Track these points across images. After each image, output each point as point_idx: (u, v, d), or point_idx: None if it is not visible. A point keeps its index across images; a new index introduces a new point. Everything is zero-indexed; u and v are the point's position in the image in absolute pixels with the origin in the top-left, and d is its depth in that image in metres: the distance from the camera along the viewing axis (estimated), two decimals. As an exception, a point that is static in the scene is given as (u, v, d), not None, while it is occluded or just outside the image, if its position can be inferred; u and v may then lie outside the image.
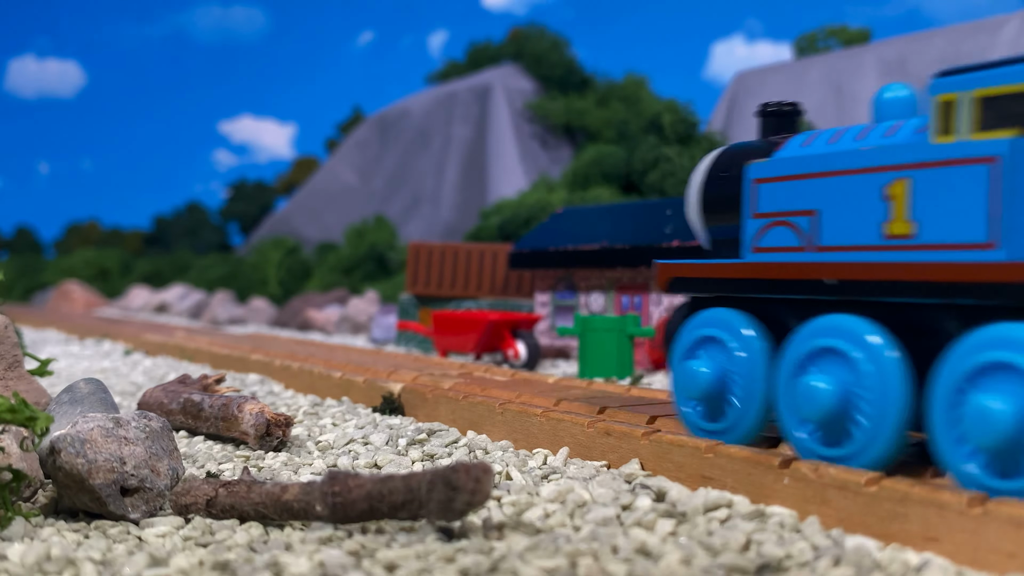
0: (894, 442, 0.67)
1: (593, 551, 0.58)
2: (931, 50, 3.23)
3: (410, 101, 5.71)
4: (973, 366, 0.62)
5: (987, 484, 0.61)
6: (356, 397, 1.27)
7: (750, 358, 0.78)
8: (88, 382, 0.90)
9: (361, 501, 0.64)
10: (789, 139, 0.84)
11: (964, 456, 0.62)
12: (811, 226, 0.76)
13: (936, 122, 0.69)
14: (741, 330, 0.79)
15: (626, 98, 4.49)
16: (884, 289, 0.69)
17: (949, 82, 0.68)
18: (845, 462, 0.69)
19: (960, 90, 0.68)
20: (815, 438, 0.72)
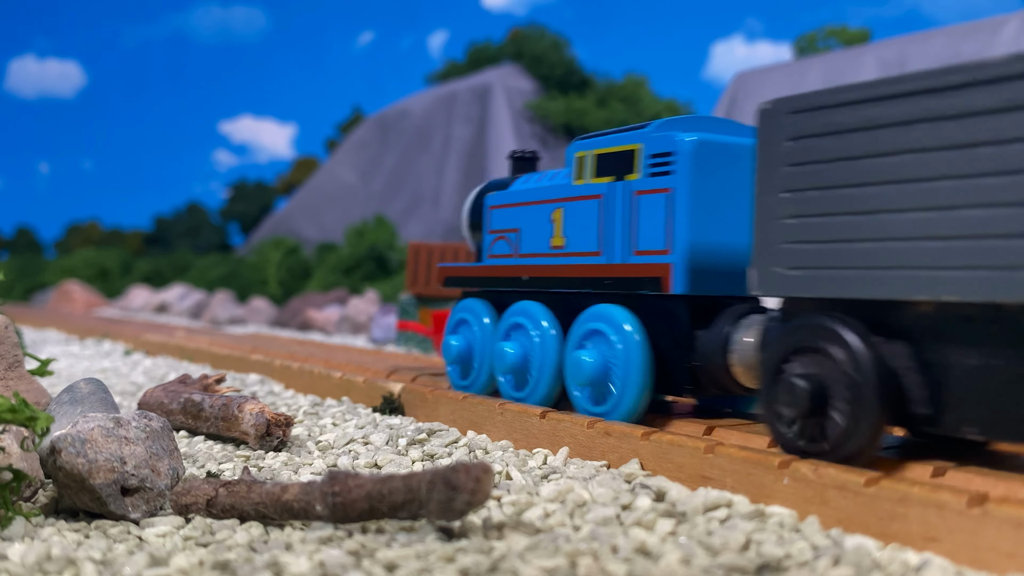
0: (636, 400, 0.91)
1: (593, 551, 0.58)
2: (931, 50, 3.22)
3: (410, 101, 5.71)
4: (582, 333, 0.97)
5: (588, 408, 0.95)
6: (356, 397, 1.27)
7: (483, 334, 1.11)
8: (88, 382, 0.90)
9: (361, 501, 0.65)
10: (518, 178, 1.15)
11: (575, 390, 0.96)
12: (516, 239, 1.10)
13: (575, 170, 1.02)
14: (483, 317, 1.12)
15: (626, 98, 4.50)
16: (551, 283, 1.03)
17: (581, 144, 1.02)
18: (607, 416, 0.93)
19: (586, 150, 1.01)
20: (583, 397, 0.97)
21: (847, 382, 0.69)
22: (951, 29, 3.24)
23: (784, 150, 0.76)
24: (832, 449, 0.70)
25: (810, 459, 0.70)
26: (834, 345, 0.70)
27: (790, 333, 0.74)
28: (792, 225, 0.75)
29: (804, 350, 0.72)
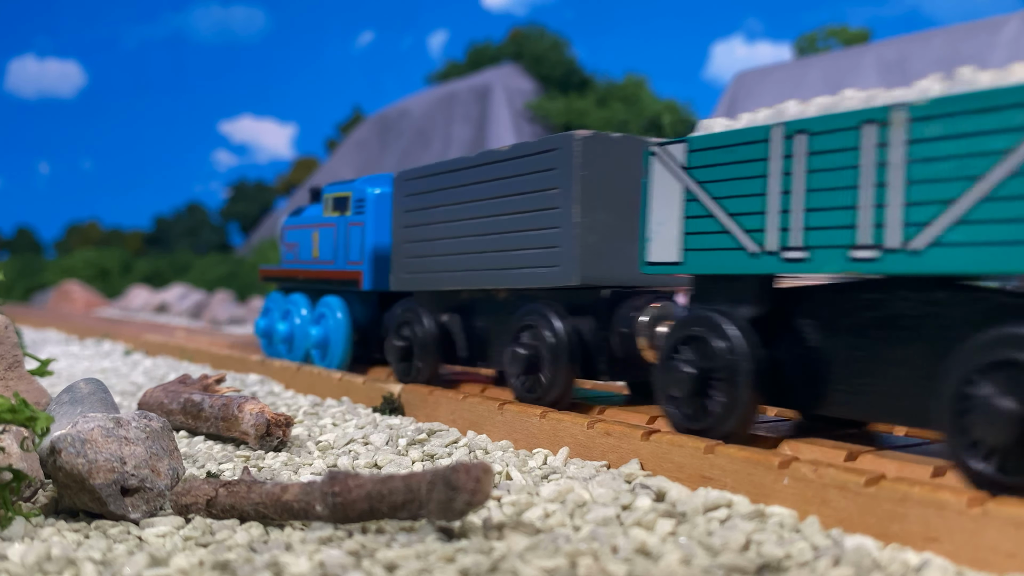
0: (341, 357, 1.45)
1: (593, 551, 0.58)
2: (930, 50, 3.22)
3: (410, 101, 5.71)
4: (316, 315, 1.51)
5: (319, 362, 1.50)
6: (356, 397, 1.27)
7: (278, 315, 1.64)
8: (88, 382, 0.90)
9: (361, 501, 0.65)
10: (307, 207, 1.67)
11: (313, 351, 1.50)
12: (296, 251, 1.62)
13: (324, 207, 1.54)
14: (280, 303, 1.64)
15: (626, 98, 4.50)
16: (311, 282, 1.57)
17: (327, 188, 1.55)
18: (328, 366, 1.46)
19: (328, 194, 1.53)
20: (316, 355, 1.51)
21: (425, 340, 1.21)
22: (951, 29, 3.24)
23: (401, 201, 1.28)
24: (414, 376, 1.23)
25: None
26: (419, 321, 1.22)
27: (399, 314, 1.27)
28: (404, 247, 1.27)
29: (405, 324, 1.25)
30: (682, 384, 0.82)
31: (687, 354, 0.83)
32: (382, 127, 5.78)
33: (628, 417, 0.94)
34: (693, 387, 0.82)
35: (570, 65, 5.05)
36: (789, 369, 0.80)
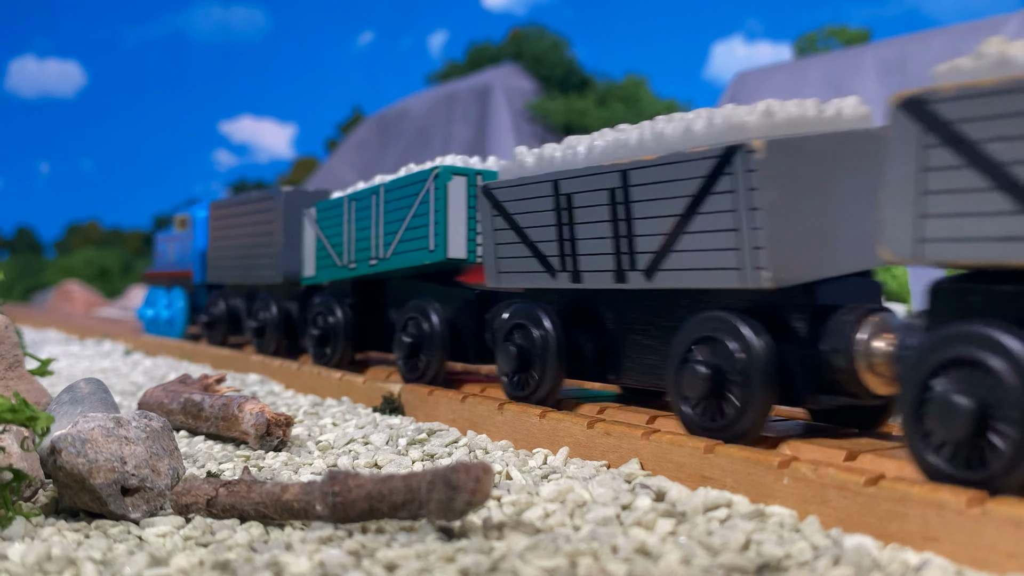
0: (180, 330, 2.14)
1: (593, 551, 0.58)
2: (930, 50, 3.22)
3: (410, 101, 5.71)
4: (166, 302, 2.22)
5: (173, 335, 2.17)
6: (356, 397, 1.27)
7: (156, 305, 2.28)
8: (88, 382, 0.90)
9: (361, 501, 0.65)
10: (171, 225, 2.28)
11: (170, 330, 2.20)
12: (161, 258, 2.24)
13: (175, 225, 2.18)
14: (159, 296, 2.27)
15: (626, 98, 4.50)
16: (170, 279, 2.18)
17: (180, 209, 2.26)
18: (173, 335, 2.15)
19: (176, 215, 2.23)
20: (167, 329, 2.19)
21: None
22: (951, 29, 3.24)
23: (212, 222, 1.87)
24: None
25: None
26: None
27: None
28: (213, 253, 1.91)
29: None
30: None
31: None
32: (382, 127, 5.77)
33: (628, 417, 0.94)
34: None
35: (570, 65, 5.05)
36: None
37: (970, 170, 0.63)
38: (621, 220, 0.89)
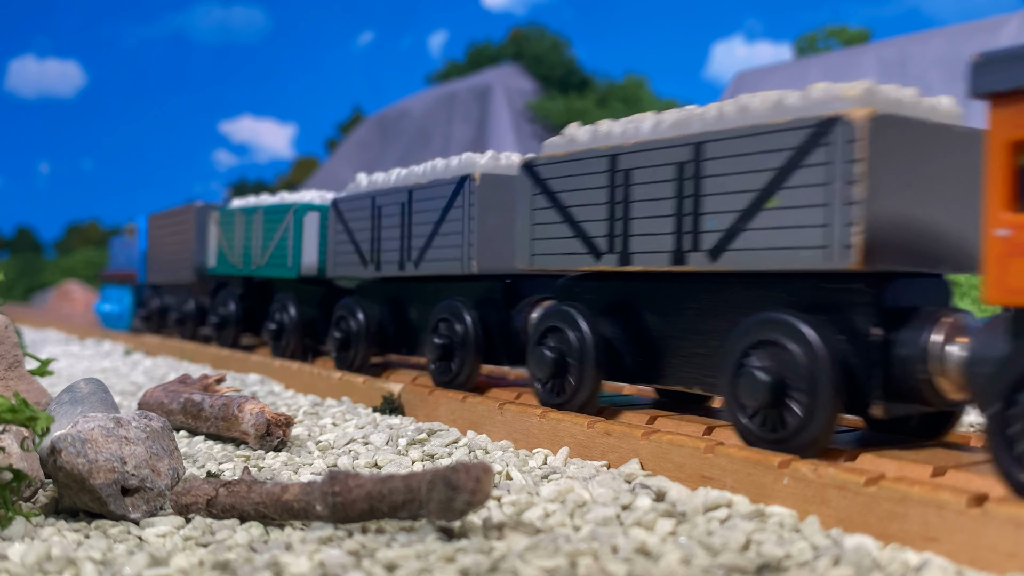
0: (128, 323, 2.63)
1: (593, 551, 0.58)
2: (930, 50, 3.22)
3: (410, 101, 5.71)
4: (115, 297, 2.77)
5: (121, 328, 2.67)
6: (356, 397, 1.27)
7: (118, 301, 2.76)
8: (88, 382, 0.90)
9: (361, 501, 0.65)
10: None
11: (113, 323, 2.75)
12: (114, 261, 2.76)
13: (124, 233, 2.73)
14: (112, 293, 2.82)
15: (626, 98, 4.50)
16: (122, 278, 2.66)
17: (138, 219, 2.55)
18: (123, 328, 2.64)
19: (125, 225, 2.76)
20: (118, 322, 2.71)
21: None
22: (951, 29, 3.24)
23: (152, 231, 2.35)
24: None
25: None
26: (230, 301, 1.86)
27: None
28: (153, 257, 2.39)
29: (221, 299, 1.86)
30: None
31: None
32: (382, 127, 5.77)
33: (629, 417, 0.94)
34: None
35: (570, 65, 5.05)
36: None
37: (552, 210, 1.01)
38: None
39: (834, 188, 0.72)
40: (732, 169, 0.81)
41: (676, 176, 0.86)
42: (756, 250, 0.79)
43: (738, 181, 0.81)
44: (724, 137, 0.82)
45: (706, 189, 0.84)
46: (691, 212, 0.85)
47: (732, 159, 0.81)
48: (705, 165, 0.84)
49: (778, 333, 0.75)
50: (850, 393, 0.73)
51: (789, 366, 0.73)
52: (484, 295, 1.17)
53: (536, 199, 1.03)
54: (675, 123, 0.88)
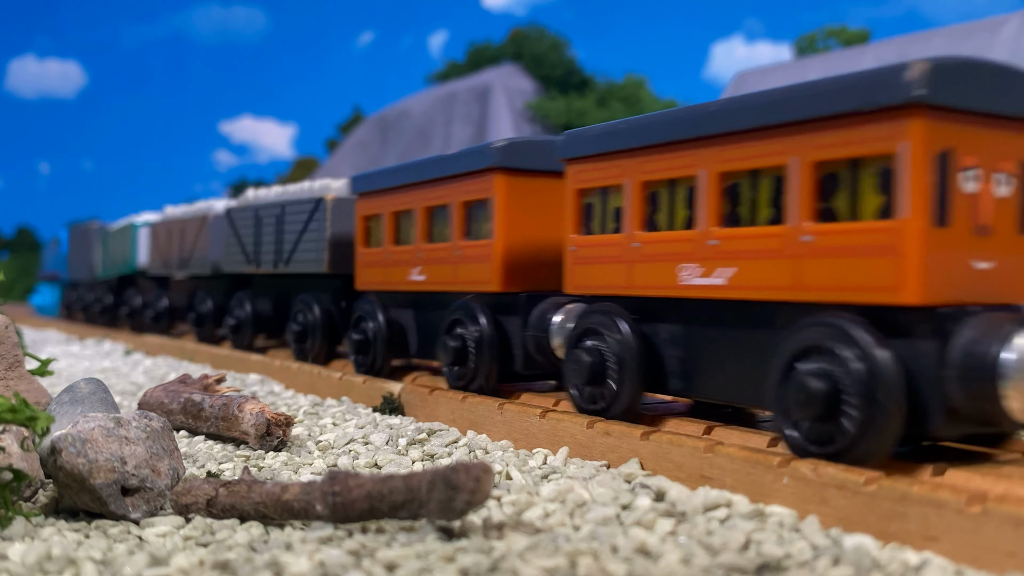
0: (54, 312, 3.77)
1: (593, 550, 0.58)
2: (929, 50, 3.22)
3: (410, 101, 5.71)
4: (48, 292, 3.97)
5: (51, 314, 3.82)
6: (356, 397, 1.28)
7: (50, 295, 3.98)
8: (88, 382, 0.90)
9: (361, 501, 0.65)
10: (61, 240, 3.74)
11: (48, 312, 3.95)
12: (47, 262, 3.86)
13: (53, 241, 3.84)
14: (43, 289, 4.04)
15: (626, 98, 4.50)
16: (50, 278, 3.82)
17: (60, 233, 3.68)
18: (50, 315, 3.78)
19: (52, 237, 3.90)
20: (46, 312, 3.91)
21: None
22: (950, 29, 3.24)
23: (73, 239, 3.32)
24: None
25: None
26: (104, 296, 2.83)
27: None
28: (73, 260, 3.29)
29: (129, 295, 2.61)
30: None
31: None
32: (382, 127, 5.77)
33: (628, 417, 0.94)
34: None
35: (570, 65, 5.05)
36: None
37: (233, 236, 1.89)
38: (280, 232, 1.67)
39: (324, 230, 1.53)
40: (294, 219, 1.62)
41: (277, 221, 1.68)
42: (300, 262, 1.60)
43: (295, 225, 1.61)
44: (291, 202, 1.64)
45: (286, 229, 1.64)
46: (281, 240, 1.66)
47: (293, 214, 1.62)
48: (285, 216, 1.65)
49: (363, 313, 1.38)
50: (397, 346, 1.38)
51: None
52: (332, 288, 1.56)
53: (229, 230, 1.86)
54: (278, 194, 1.72)
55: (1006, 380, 0.64)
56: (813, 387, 0.69)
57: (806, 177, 0.75)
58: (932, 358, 0.67)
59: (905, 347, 0.68)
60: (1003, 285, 0.72)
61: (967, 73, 0.70)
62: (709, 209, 0.83)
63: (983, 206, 0.71)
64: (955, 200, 0.69)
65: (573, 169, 1.00)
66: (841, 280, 0.72)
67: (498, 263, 1.11)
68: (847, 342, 0.69)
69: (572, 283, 1.00)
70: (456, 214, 1.17)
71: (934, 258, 0.68)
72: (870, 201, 0.71)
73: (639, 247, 0.91)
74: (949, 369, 0.66)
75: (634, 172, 0.92)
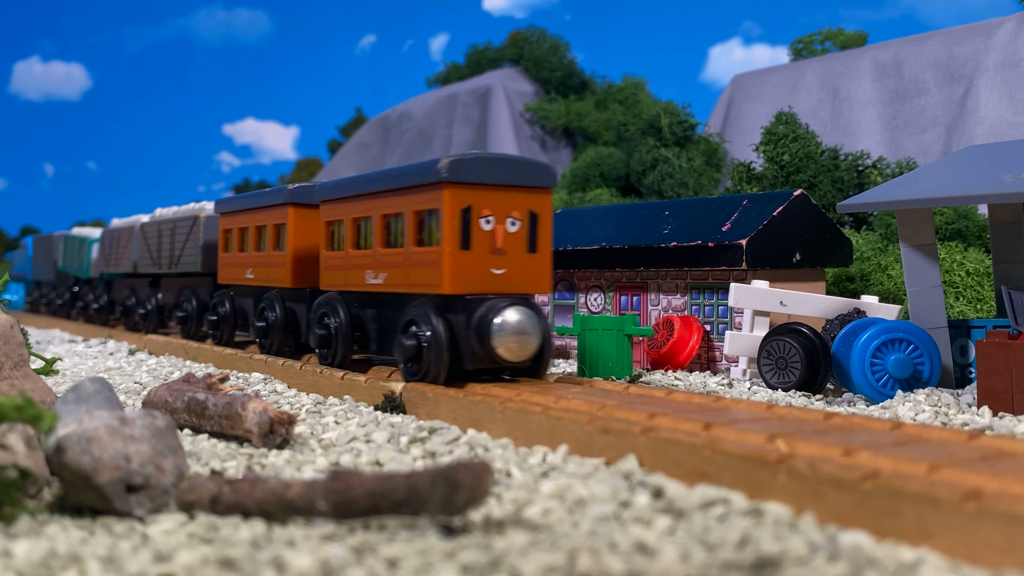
0: (22, 306, 4.31)
1: (592, 547, 0.59)
2: (926, 53, 3.23)
3: (411, 103, 5.71)
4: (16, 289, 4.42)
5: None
6: (358, 396, 1.28)
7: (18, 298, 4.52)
8: (93, 381, 0.90)
9: (363, 498, 0.65)
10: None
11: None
12: (15, 265, 4.45)
13: (21, 248, 4.51)
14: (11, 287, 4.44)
15: (625, 100, 4.50)
16: (18, 278, 4.41)
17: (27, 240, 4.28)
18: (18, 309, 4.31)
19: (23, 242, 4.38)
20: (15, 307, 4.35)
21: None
22: (947, 32, 3.25)
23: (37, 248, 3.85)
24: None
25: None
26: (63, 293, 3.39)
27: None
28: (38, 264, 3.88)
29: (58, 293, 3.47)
30: None
31: None
32: (383, 129, 5.77)
33: (628, 414, 0.94)
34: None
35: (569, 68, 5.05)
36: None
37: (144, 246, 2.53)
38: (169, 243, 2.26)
39: (199, 240, 2.07)
40: (181, 231, 2.17)
41: (171, 233, 2.24)
42: (184, 264, 2.13)
43: (181, 236, 2.16)
44: (178, 219, 2.19)
45: (176, 239, 2.19)
46: (172, 248, 2.22)
47: (180, 228, 2.17)
48: (176, 230, 2.20)
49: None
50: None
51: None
52: (205, 284, 2.10)
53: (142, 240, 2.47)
54: (172, 213, 2.27)
55: (495, 336, 1.12)
56: (409, 343, 1.18)
57: (411, 220, 1.24)
58: (463, 324, 1.16)
59: (452, 318, 1.17)
60: (513, 283, 1.19)
61: (478, 162, 1.17)
62: (376, 237, 1.33)
63: (498, 237, 1.18)
64: (476, 234, 1.17)
65: (323, 207, 1.49)
66: (424, 280, 1.21)
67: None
68: (426, 317, 1.18)
69: (324, 283, 1.48)
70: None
71: (460, 268, 1.16)
72: (434, 235, 1.19)
73: (351, 259, 1.41)
74: (471, 330, 1.14)
75: (348, 212, 1.41)
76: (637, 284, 1.81)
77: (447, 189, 1.15)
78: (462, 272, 1.16)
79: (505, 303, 1.14)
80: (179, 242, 2.18)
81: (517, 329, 1.12)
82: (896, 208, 1.34)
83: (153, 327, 2.37)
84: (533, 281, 1.21)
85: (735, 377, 1.51)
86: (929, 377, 1.29)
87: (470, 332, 1.14)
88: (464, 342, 1.15)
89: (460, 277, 1.16)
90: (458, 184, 1.15)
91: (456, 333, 1.16)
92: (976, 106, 2.98)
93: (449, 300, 1.18)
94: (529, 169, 1.20)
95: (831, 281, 2.08)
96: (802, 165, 2.56)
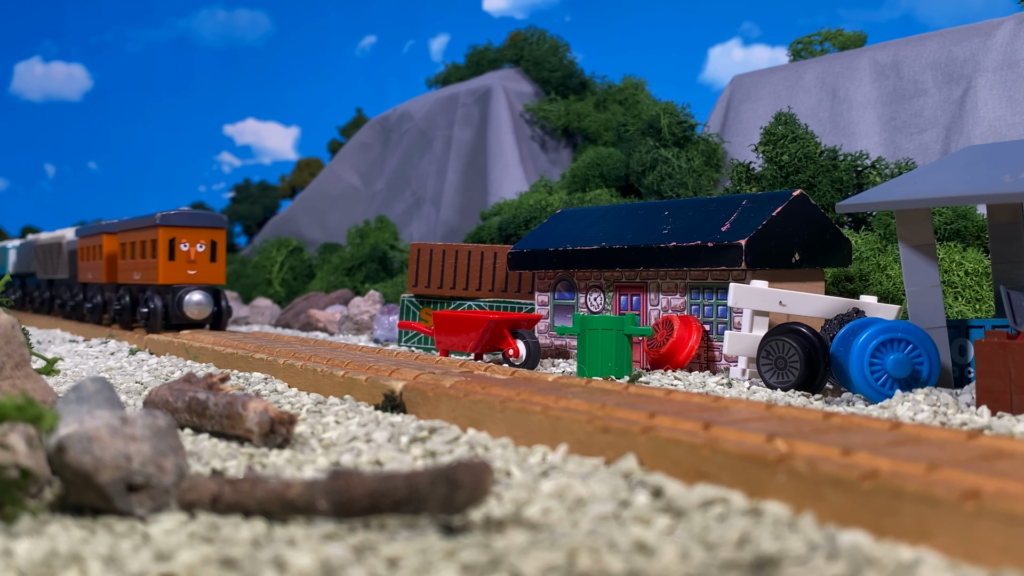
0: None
1: (591, 546, 0.59)
2: (925, 53, 3.23)
3: (411, 104, 5.71)
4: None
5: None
6: (359, 395, 1.28)
7: None
8: (94, 381, 0.91)
9: (364, 498, 0.65)
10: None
11: None
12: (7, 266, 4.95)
13: None
14: None
15: (624, 101, 4.50)
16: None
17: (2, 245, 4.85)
18: None
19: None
20: None
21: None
22: (945, 32, 3.25)
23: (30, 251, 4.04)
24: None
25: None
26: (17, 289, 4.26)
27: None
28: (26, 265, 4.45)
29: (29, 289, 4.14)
30: None
31: None
32: (384, 129, 5.77)
33: (628, 414, 0.95)
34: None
35: (569, 68, 5.05)
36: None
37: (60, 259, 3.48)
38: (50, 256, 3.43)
39: (63, 256, 3.25)
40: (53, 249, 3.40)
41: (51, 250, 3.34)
42: (57, 272, 3.35)
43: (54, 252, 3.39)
44: (50, 242, 3.44)
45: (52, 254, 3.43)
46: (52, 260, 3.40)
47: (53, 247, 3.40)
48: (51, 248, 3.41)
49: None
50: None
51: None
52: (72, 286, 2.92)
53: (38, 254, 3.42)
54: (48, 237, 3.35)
55: (186, 306, 2.28)
56: (144, 310, 2.40)
57: (149, 244, 2.28)
58: (171, 300, 2.31)
59: (167, 297, 2.31)
60: (199, 278, 2.27)
61: (181, 213, 2.27)
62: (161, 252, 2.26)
63: (191, 254, 2.25)
64: (179, 253, 2.25)
65: (162, 230, 2.27)
66: (152, 277, 2.28)
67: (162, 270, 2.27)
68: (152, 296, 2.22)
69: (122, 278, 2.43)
70: (149, 246, 2.32)
71: (167, 272, 2.26)
72: (157, 252, 2.29)
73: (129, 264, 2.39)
74: (174, 303, 2.33)
75: (168, 236, 2.24)
76: (637, 284, 1.81)
77: (161, 228, 2.26)
78: (170, 273, 2.26)
79: (193, 288, 2.23)
80: (53, 257, 3.31)
81: (198, 302, 2.23)
82: (895, 208, 1.34)
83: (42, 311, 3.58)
84: (212, 278, 2.29)
85: (734, 377, 1.52)
86: (928, 377, 1.29)
87: (174, 303, 2.23)
88: (171, 309, 2.24)
89: (169, 275, 2.26)
90: (167, 226, 2.26)
91: (167, 304, 2.24)
92: (975, 106, 2.98)
93: (163, 287, 2.27)
94: (209, 217, 2.30)
95: (830, 281, 2.08)
96: (801, 165, 2.56)
